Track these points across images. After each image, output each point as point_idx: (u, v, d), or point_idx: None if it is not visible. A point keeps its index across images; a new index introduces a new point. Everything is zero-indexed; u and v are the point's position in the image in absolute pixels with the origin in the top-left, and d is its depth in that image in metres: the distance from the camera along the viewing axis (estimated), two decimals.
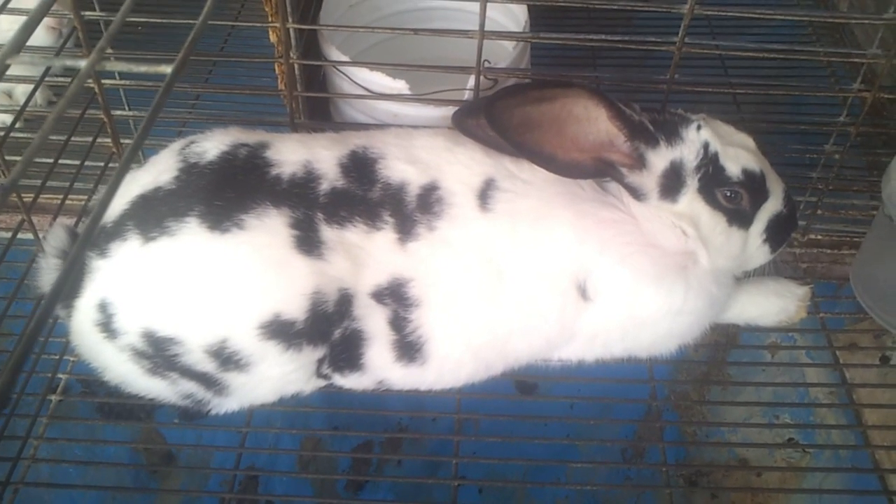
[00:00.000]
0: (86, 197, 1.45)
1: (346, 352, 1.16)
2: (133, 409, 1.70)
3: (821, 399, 1.56)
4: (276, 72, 1.37)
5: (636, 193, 1.18)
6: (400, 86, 1.36)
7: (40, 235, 1.29)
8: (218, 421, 1.26)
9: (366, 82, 1.39)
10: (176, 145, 1.20)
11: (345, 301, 1.13)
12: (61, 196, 1.40)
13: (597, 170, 1.17)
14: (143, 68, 0.57)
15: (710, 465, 1.69)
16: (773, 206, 1.21)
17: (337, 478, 1.79)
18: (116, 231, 1.11)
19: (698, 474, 1.69)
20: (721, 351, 1.63)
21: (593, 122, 1.14)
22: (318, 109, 1.56)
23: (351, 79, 1.41)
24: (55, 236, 1.16)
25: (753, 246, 1.22)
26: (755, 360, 1.62)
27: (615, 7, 1.27)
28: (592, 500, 1.70)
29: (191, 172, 1.14)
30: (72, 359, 1.37)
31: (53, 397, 1.35)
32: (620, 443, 1.73)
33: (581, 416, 1.56)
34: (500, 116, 1.10)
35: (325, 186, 1.15)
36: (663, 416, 1.66)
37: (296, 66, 1.33)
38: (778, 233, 1.23)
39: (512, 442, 1.53)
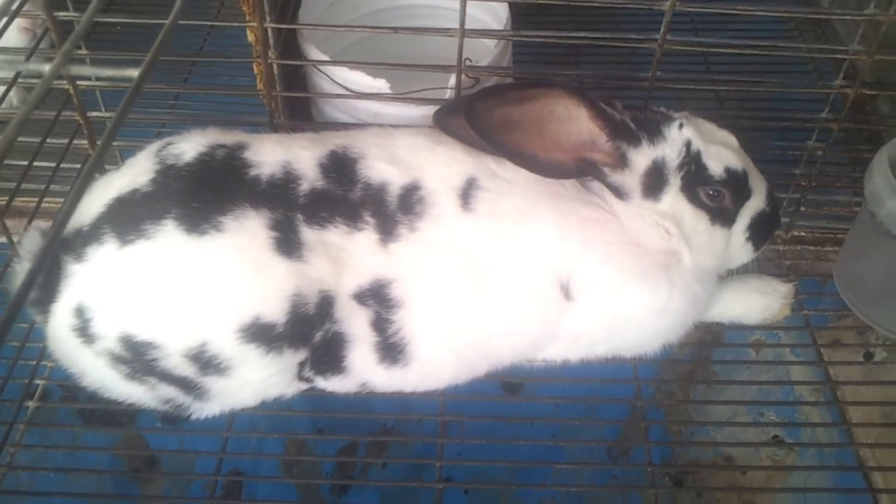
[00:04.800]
0: (62, 200, 1.42)
1: (328, 354, 1.15)
2: (114, 415, 1.67)
3: (805, 396, 1.56)
4: (255, 71, 1.35)
5: (619, 192, 1.17)
6: (380, 85, 1.35)
7: (15, 239, 1.27)
8: (200, 425, 1.24)
9: (346, 81, 1.38)
10: (153, 147, 1.19)
11: (325, 303, 1.11)
12: (36, 199, 1.38)
13: (579, 169, 1.16)
14: (108, 72, 0.55)
15: (696, 464, 1.68)
16: (755, 204, 1.20)
17: (321, 482, 1.77)
18: (93, 234, 1.09)
19: (684, 473, 1.69)
20: (706, 349, 1.62)
21: (574, 122, 1.13)
22: (298, 109, 1.54)
23: (331, 78, 1.40)
24: (30, 240, 1.14)
25: (736, 244, 1.22)
26: (740, 359, 1.62)
27: (597, 4, 1.26)
28: (578, 500, 1.69)
29: (168, 174, 1.12)
30: (49, 364, 1.35)
31: (31, 403, 1.32)
32: (606, 443, 1.72)
33: (566, 416, 1.56)
34: (480, 117, 1.09)
35: (304, 187, 1.14)
36: (648, 415, 1.65)
37: (274, 65, 1.31)
38: (761, 231, 1.22)
39: (497, 443, 1.52)
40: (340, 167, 1.16)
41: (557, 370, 1.29)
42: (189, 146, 1.16)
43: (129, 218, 1.09)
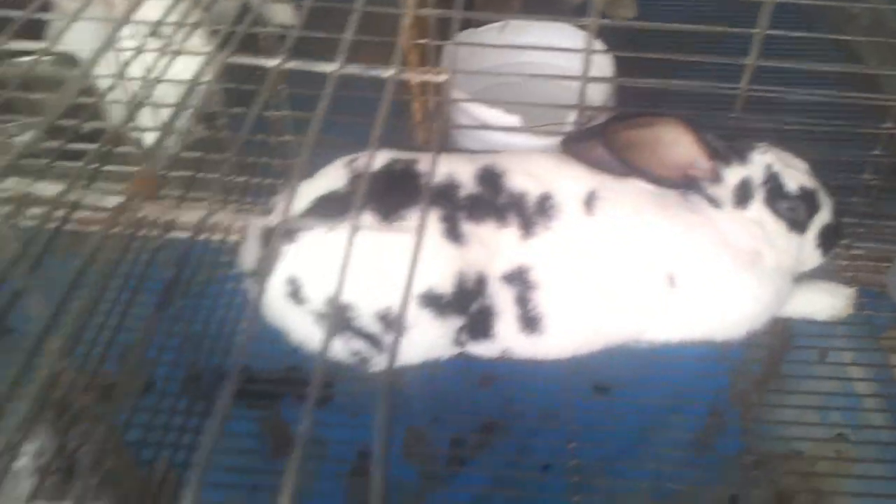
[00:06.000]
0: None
1: (481, 322, 1.44)
2: (261, 399, 1.96)
3: (867, 393, 1.79)
4: (415, 109, 1.69)
5: (714, 202, 1.47)
6: (514, 120, 1.68)
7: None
8: (333, 417, 1.50)
9: (484, 117, 1.72)
10: (342, 160, 1.52)
11: (481, 281, 1.41)
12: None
13: (683, 183, 1.47)
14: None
15: (769, 456, 1.90)
16: (823, 217, 1.50)
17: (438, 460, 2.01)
18: (300, 223, 1.42)
19: (758, 464, 1.90)
20: (776, 354, 1.87)
21: (681, 146, 1.44)
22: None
23: (471, 115, 1.74)
24: (255, 226, 1.47)
25: (808, 249, 1.50)
26: (807, 360, 1.86)
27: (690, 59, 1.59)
28: (664, 488, 1.91)
29: (360, 180, 1.45)
30: None
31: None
32: (690, 435, 1.95)
33: (653, 412, 1.80)
34: (611, 137, 1.41)
35: (464, 193, 1.45)
36: (727, 413, 1.90)
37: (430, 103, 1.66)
38: (828, 239, 1.51)
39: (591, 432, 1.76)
40: (490, 179, 1.48)
41: (647, 371, 1.56)
42: (374, 160, 1.49)
43: (332, 210, 1.41)
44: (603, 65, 1.89)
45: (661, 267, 1.45)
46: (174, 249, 1.63)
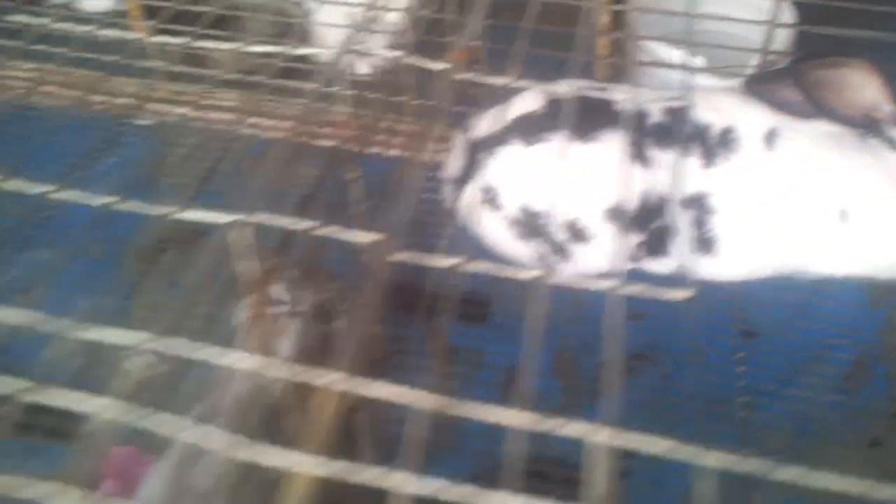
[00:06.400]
0: None
1: (659, 240, 1.57)
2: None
3: None
4: (599, 45, 1.83)
5: (892, 145, 1.54)
6: (697, 61, 1.79)
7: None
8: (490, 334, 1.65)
9: (667, 57, 1.83)
10: (537, 88, 1.67)
11: (662, 203, 1.54)
12: None
13: (863, 124, 1.54)
14: None
15: None
16: None
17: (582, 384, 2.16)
18: (500, 139, 1.59)
19: None
20: None
21: (867, 89, 1.51)
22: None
23: (654, 55, 1.85)
24: (461, 140, 1.66)
25: None
26: None
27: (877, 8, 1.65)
28: (806, 427, 2.00)
29: (556, 104, 1.60)
30: None
31: None
32: (836, 377, 2.01)
33: (801, 354, 1.88)
34: (803, 75, 1.51)
35: (652, 121, 1.58)
36: (875, 359, 1.96)
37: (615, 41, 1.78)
38: None
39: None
40: (676, 111, 1.60)
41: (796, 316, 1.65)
42: (567, 88, 1.64)
43: (530, 129, 1.57)
44: (785, 13, 1.96)
45: (835, 202, 1.53)
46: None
